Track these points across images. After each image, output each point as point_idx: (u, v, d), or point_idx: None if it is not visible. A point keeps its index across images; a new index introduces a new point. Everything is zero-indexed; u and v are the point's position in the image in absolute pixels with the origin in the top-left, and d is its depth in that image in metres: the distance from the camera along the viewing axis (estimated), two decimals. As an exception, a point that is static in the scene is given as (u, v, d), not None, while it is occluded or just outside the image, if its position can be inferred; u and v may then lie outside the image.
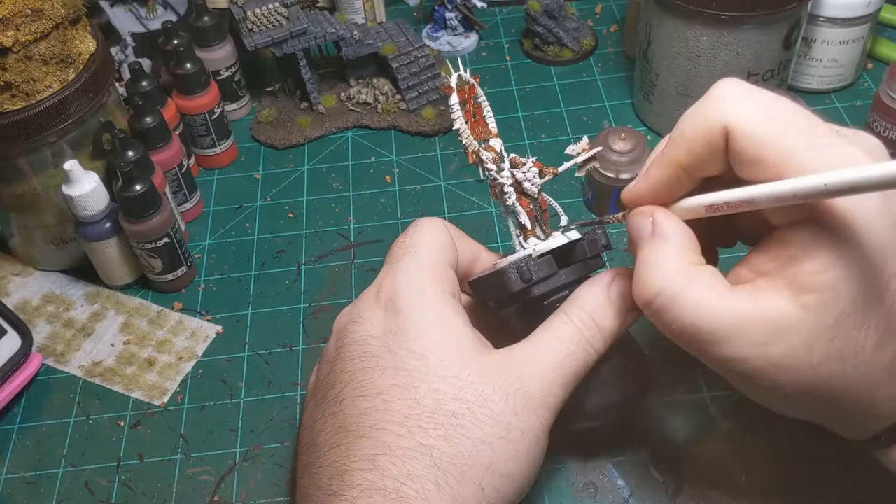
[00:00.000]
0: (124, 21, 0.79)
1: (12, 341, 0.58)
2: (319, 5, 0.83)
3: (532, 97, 0.79)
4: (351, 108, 0.78)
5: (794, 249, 0.36)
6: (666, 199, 0.41)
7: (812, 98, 0.75)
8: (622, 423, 0.53)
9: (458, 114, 0.44)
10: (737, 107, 0.36)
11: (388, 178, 0.73)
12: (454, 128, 0.45)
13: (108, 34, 0.77)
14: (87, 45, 0.60)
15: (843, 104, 0.75)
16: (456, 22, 0.83)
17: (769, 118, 0.36)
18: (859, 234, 0.35)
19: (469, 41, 0.84)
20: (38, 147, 0.59)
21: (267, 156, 0.76)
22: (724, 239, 0.45)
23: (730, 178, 0.38)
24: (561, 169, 0.47)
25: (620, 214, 0.44)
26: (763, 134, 0.36)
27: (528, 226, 0.46)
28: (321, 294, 0.64)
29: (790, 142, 0.35)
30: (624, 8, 0.86)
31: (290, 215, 0.70)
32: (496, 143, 0.46)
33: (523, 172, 0.46)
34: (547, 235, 0.46)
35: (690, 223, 0.40)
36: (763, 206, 0.36)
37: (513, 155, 0.46)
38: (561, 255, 0.45)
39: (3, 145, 0.58)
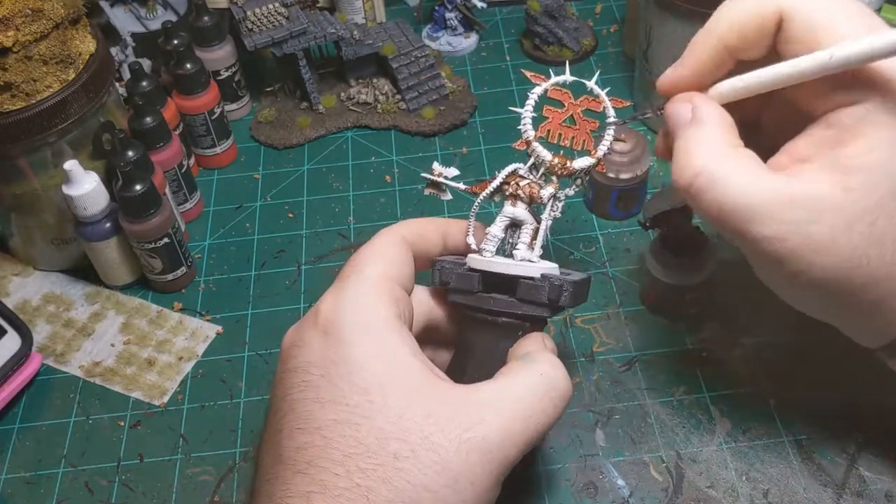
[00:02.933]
0: (124, 21, 0.79)
1: (12, 341, 0.58)
2: (319, 5, 0.83)
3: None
4: (351, 108, 0.78)
5: (838, 131, 0.36)
6: (704, 83, 0.41)
7: (812, 98, 0.75)
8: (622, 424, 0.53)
9: (531, 100, 0.45)
10: None
11: (388, 178, 0.73)
12: (521, 109, 0.46)
13: (108, 34, 0.77)
14: (87, 45, 0.60)
15: (843, 104, 0.75)
16: (456, 22, 0.83)
17: (822, 2, 0.36)
18: None
19: (469, 41, 0.84)
20: (38, 147, 0.59)
21: (267, 156, 0.76)
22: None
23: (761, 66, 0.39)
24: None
25: (656, 108, 0.43)
26: (817, 17, 0.36)
27: (484, 245, 0.45)
28: (321, 294, 0.64)
29: (845, 26, 0.35)
30: (624, 8, 0.86)
31: (290, 215, 0.70)
32: (582, 161, 0.45)
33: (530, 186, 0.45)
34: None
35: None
36: (808, 78, 0.36)
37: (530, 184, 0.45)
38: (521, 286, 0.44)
39: (3, 145, 0.58)
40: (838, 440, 0.51)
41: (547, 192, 0.45)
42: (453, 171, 0.50)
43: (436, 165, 0.50)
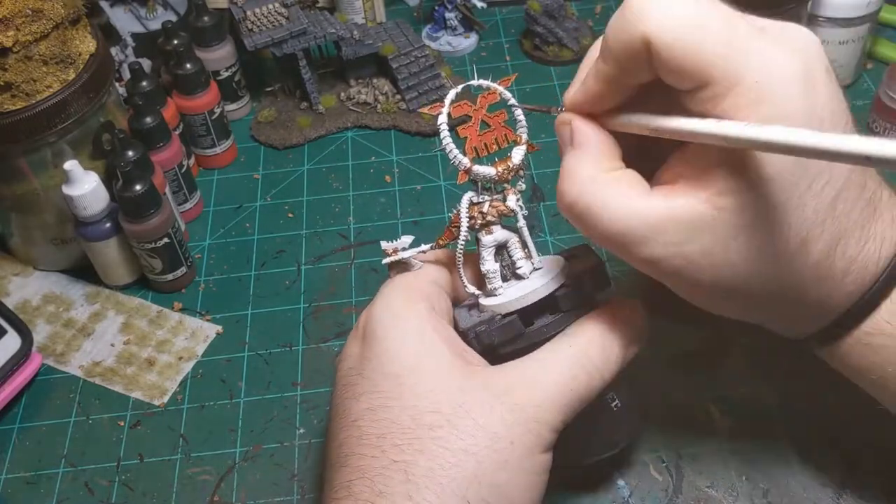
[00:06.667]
0: (124, 21, 0.79)
1: (12, 341, 0.58)
2: (319, 5, 0.83)
3: (532, 97, 0.79)
4: (351, 108, 0.78)
5: (713, 149, 0.36)
6: (606, 107, 0.40)
7: (812, 98, 0.75)
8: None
9: (444, 132, 0.42)
10: (654, 15, 0.35)
11: (388, 178, 0.73)
12: (441, 147, 0.43)
13: (108, 34, 0.77)
14: (87, 45, 0.60)
15: (842, 104, 0.75)
16: (456, 22, 0.83)
17: (687, 25, 0.35)
18: None
19: (469, 41, 0.84)
20: (38, 147, 0.59)
21: (267, 156, 0.76)
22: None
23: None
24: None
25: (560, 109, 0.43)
26: (681, 44, 0.34)
27: (491, 285, 0.44)
28: (321, 294, 0.64)
29: (709, 50, 0.34)
30: (624, 8, 0.86)
31: (290, 215, 0.70)
32: (517, 152, 0.44)
33: (480, 213, 0.44)
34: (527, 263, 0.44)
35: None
36: (702, 141, 0.36)
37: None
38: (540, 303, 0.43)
39: (3, 145, 0.58)
40: (839, 440, 0.51)
41: (511, 201, 0.44)
42: (406, 240, 0.46)
43: (384, 244, 0.46)
